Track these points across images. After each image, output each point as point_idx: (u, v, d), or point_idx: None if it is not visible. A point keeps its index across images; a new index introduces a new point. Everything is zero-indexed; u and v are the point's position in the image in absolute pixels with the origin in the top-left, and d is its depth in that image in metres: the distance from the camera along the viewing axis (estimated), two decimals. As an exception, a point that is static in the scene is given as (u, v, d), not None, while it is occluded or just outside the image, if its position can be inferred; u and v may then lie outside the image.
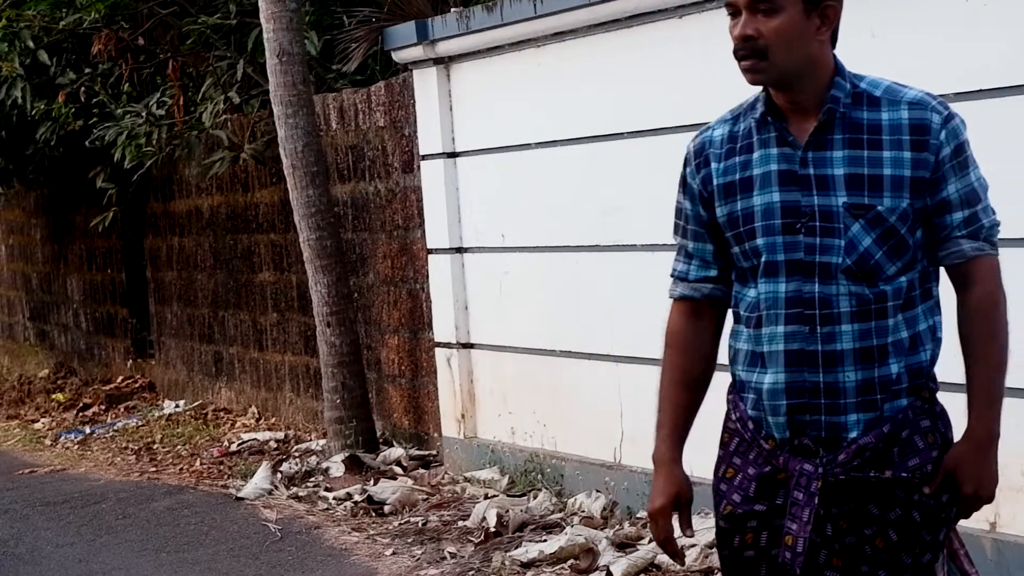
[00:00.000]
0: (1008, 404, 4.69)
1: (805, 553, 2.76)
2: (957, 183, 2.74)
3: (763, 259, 2.79)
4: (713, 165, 2.89)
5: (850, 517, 2.75)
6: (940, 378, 2.86)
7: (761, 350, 2.82)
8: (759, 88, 2.82)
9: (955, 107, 4.77)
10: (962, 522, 2.92)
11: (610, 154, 6.44)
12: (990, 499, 2.83)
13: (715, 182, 2.88)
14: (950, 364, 2.90)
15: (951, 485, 2.77)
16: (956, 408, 2.87)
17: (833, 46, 2.79)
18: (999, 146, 4.70)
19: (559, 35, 6.60)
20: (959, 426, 2.85)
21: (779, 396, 2.79)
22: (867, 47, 5.07)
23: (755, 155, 2.82)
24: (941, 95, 4.74)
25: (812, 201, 2.74)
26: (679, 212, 3.00)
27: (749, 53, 2.73)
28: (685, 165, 2.97)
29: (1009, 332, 2.80)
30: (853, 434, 2.74)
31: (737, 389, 2.92)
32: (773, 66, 2.72)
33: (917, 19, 4.95)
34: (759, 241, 2.79)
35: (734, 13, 2.75)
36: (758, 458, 2.85)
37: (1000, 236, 3.09)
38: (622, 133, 6.35)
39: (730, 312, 2.97)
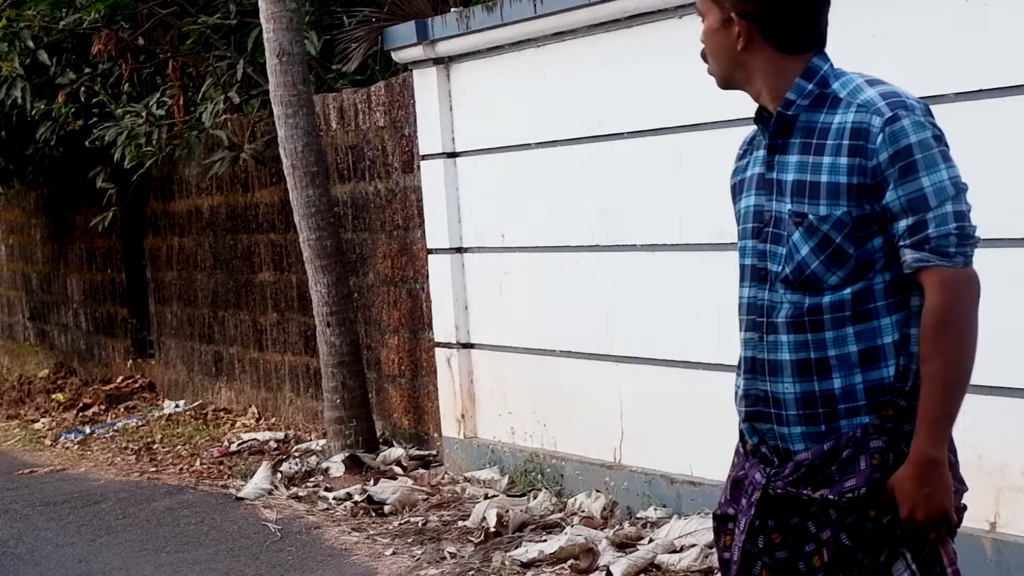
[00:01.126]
0: (1007, 404, 4.71)
1: (739, 563, 2.75)
2: (899, 189, 2.62)
3: (740, 262, 2.82)
4: (734, 167, 2.94)
5: (793, 531, 2.73)
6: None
7: (739, 354, 2.84)
8: None
9: (955, 107, 4.79)
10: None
11: (610, 154, 6.44)
12: (933, 526, 2.66)
13: (731, 185, 2.93)
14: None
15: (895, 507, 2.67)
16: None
17: (789, 48, 2.74)
18: (999, 146, 4.71)
19: (559, 35, 6.60)
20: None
21: (741, 402, 2.81)
22: (867, 47, 5.07)
23: (752, 157, 2.86)
24: (941, 95, 4.79)
25: (771, 206, 2.75)
26: None
27: (703, 58, 2.84)
28: None
29: (965, 347, 2.63)
30: (798, 447, 2.71)
31: None
32: (712, 71, 2.83)
33: (917, 19, 4.95)
34: (739, 244, 2.84)
35: None
36: (738, 462, 2.87)
37: (1000, 236, 3.05)
38: (622, 133, 6.35)
39: None
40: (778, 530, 2.72)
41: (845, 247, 2.66)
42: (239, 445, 9.06)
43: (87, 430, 10.42)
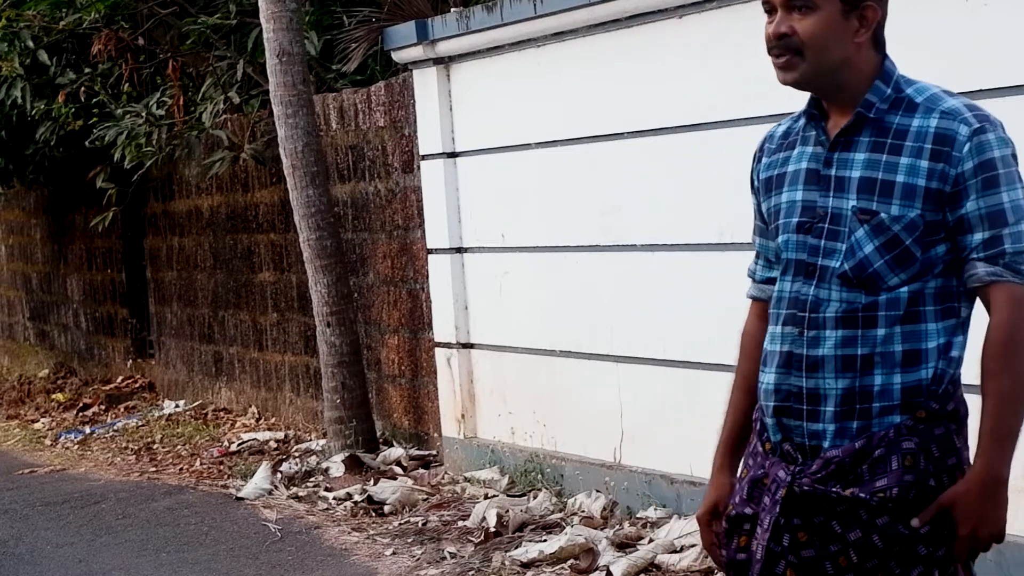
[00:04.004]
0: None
1: (763, 561, 2.72)
2: (979, 201, 2.61)
3: (783, 257, 2.78)
4: (763, 160, 2.87)
5: (817, 530, 2.68)
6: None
7: (766, 349, 2.80)
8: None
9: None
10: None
11: (610, 154, 6.44)
12: (991, 542, 2.68)
13: (761, 177, 2.87)
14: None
15: (947, 524, 2.64)
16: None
17: (880, 50, 2.74)
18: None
19: (559, 35, 6.60)
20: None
21: (770, 397, 2.76)
22: (867, 47, 5.07)
23: (795, 152, 2.79)
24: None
25: (827, 202, 2.70)
26: (754, 210, 2.97)
27: (784, 50, 2.68)
28: (752, 162, 2.95)
29: None
30: (828, 443, 2.67)
31: None
32: (808, 64, 2.67)
33: (916, 19, 4.95)
34: (780, 238, 2.78)
35: (770, 10, 2.71)
36: (758, 460, 2.83)
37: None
38: (622, 133, 6.35)
39: None
40: (804, 528, 2.69)
41: (913, 250, 2.64)
42: (239, 445, 9.06)
43: (87, 430, 10.41)
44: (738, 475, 2.91)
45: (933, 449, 2.65)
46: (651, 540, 5.76)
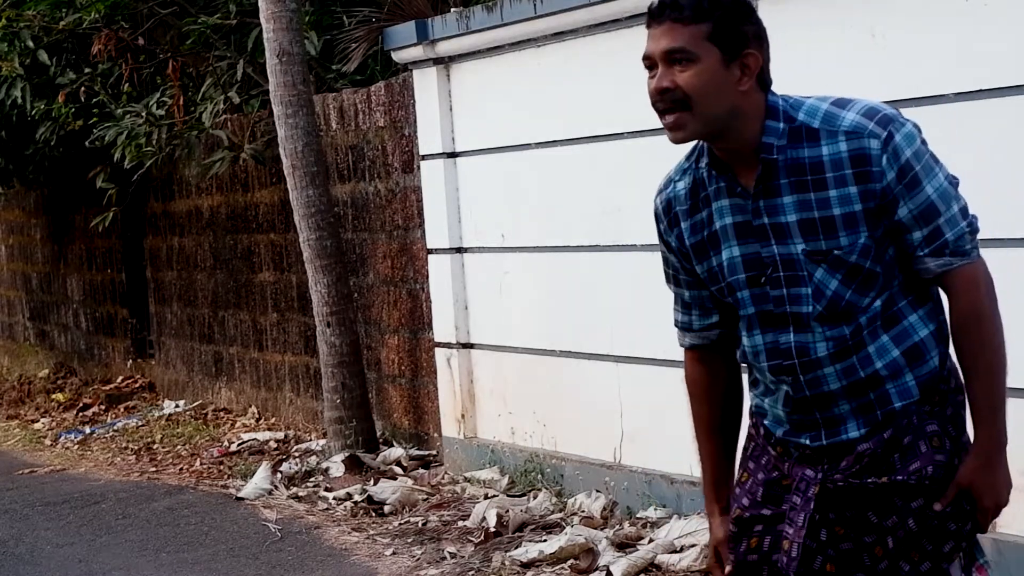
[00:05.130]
0: (1008, 404, 4.69)
1: (799, 558, 2.76)
2: (909, 203, 2.65)
3: (742, 313, 2.80)
4: (683, 224, 2.85)
5: (850, 524, 2.74)
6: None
7: (763, 385, 2.85)
8: None
9: (956, 107, 4.78)
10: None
11: (610, 154, 6.44)
12: (1006, 503, 2.79)
13: (688, 242, 2.85)
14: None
15: (967, 500, 2.73)
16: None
17: (765, 89, 2.71)
18: (999, 146, 4.71)
19: (559, 35, 6.60)
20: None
21: (782, 423, 2.83)
22: (867, 47, 5.07)
23: (713, 208, 2.78)
24: (941, 95, 4.78)
25: (772, 251, 2.71)
26: (666, 261, 2.97)
27: (670, 106, 2.68)
28: (658, 222, 2.93)
29: (1001, 333, 2.73)
30: (858, 444, 2.74)
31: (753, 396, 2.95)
32: (695, 119, 2.65)
33: (917, 19, 4.95)
34: (733, 296, 2.80)
35: (651, 66, 2.71)
36: (768, 463, 2.86)
37: (1000, 236, 3.05)
38: (622, 133, 6.35)
39: None
40: (839, 523, 2.75)
41: (874, 268, 2.68)
42: (239, 445, 9.06)
43: (87, 430, 10.42)
44: (736, 479, 2.95)
45: (950, 429, 2.75)
46: (651, 540, 5.76)
